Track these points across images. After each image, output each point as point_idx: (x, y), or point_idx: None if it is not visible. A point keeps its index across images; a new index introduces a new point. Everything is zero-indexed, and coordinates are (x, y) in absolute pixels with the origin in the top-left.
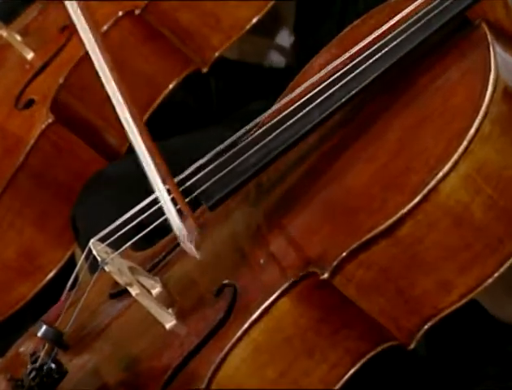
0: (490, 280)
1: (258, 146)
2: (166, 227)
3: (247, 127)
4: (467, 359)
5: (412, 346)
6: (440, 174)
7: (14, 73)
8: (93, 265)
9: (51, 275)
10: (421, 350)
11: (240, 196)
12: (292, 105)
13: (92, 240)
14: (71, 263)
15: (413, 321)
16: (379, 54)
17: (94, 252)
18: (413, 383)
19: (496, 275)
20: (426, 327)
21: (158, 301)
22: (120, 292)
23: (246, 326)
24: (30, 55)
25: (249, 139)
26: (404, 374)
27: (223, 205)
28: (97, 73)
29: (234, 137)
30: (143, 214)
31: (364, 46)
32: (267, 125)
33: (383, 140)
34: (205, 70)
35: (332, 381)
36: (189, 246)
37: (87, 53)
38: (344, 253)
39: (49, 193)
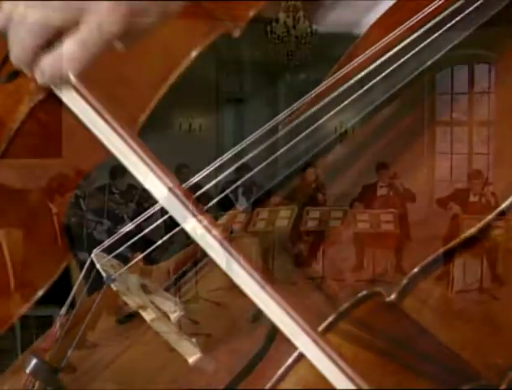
0: None
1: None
2: (186, 235)
3: (294, 105)
4: None
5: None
6: None
7: None
8: (96, 281)
9: (41, 292)
10: None
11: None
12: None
13: (95, 251)
14: (66, 278)
15: (505, 356)
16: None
17: (98, 266)
18: None
19: None
20: None
21: (179, 328)
22: (130, 316)
23: (291, 360)
24: None
25: (297, 121)
26: None
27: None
28: None
29: (277, 119)
30: (157, 219)
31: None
32: (320, 104)
33: None
34: (236, 34)
35: None
36: None
37: None
38: (416, 269)
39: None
